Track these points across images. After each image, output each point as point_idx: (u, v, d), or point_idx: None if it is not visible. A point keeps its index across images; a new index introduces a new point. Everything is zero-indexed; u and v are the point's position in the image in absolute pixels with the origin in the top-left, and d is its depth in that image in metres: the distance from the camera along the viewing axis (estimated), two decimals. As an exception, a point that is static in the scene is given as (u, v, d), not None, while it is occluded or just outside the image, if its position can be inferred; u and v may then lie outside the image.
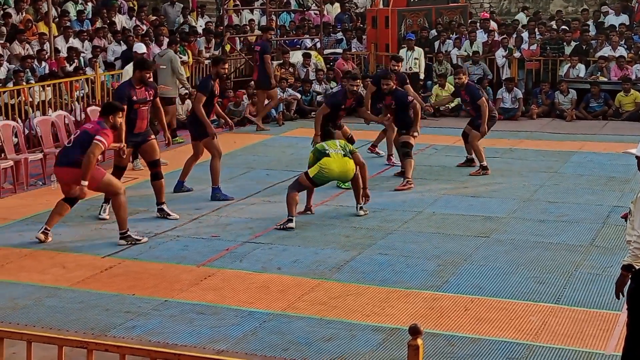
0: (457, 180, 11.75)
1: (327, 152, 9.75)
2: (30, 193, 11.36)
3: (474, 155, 12.40)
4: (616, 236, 8.96)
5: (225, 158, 12.12)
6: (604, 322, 6.76)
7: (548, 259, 8.35)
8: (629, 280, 5.21)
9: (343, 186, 11.02)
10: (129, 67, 13.18)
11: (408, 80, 13.66)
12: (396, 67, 13.18)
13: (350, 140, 11.45)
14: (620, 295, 5.29)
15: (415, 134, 11.65)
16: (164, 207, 10.01)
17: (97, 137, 8.62)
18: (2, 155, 11.96)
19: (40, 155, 12.07)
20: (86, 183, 8.63)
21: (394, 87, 11.83)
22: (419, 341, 3.81)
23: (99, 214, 9.90)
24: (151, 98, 10.03)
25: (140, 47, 13.65)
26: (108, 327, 6.70)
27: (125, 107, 9.38)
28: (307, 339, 6.45)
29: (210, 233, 9.30)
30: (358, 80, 11.94)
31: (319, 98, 17.30)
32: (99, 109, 13.84)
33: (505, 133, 15.34)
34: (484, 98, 12.32)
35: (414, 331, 3.83)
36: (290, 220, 9.48)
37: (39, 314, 7.01)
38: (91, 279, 7.90)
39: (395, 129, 12.21)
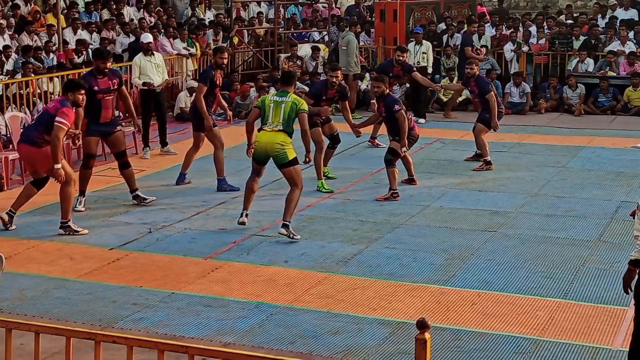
0: (464, 174, 11.74)
1: (263, 124, 8.92)
2: (38, 184, 11.36)
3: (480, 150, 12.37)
4: (624, 231, 8.94)
5: (233, 151, 12.14)
6: (611, 317, 6.75)
7: (555, 253, 8.33)
8: (637, 276, 5.20)
9: (323, 190, 10.71)
10: (137, 58, 13.18)
11: (414, 69, 13.67)
12: (401, 58, 13.15)
13: (336, 139, 11.43)
14: (629, 290, 5.28)
15: (404, 149, 10.71)
16: (139, 193, 10.10)
17: (57, 118, 8.65)
18: (11, 146, 11.97)
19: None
20: (59, 165, 8.70)
21: (386, 91, 10.92)
22: (427, 335, 3.81)
23: (75, 206, 9.74)
24: (115, 87, 10.09)
25: (146, 37, 13.67)
26: (115, 319, 6.71)
27: (86, 97, 9.30)
28: (314, 332, 6.46)
29: (217, 226, 9.31)
30: (337, 72, 11.37)
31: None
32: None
33: (513, 127, 15.30)
34: (492, 92, 12.27)
35: (422, 325, 3.83)
36: (243, 214, 9.19)
37: (47, 305, 7.03)
38: (99, 270, 7.91)
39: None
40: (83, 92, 9.05)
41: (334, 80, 11.24)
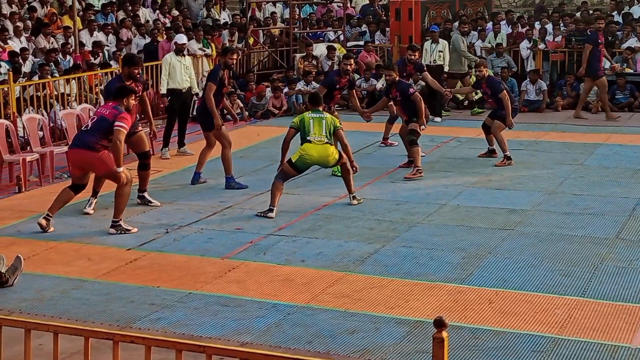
0: (481, 172, 11.70)
1: (308, 136, 9.88)
2: (55, 186, 11.41)
3: (495, 146, 12.38)
4: (642, 229, 8.89)
5: (249, 151, 12.16)
6: (630, 315, 6.72)
7: (573, 251, 8.30)
8: None
9: (337, 173, 11.04)
10: (168, 56, 13.25)
11: (425, 69, 13.73)
12: (413, 57, 13.25)
13: None
14: None
15: (423, 127, 11.69)
16: (146, 194, 10.14)
17: (117, 122, 8.83)
18: (28, 148, 12.05)
19: (65, 148, 12.12)
20: (121, 169, 8.88)
21: (397, 78, 11.86)
22: (444, 334, 3.80)
23: (85, 207, 9.88)
24: (140, 93, 10.19)
25: (181, 38, 13.72)
26: (133, 319, 6.73)
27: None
28: (331, 332, 6.45)
29: (234, 226, 9.33)
30: (351, 60, 12.17)
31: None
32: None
33: (530, 125, 15.26)
34: (505, 91, 12.32)
35: (439, 324, 3.82)
36: (271, 210, 9.63)
37: (65, 305, 7.06)
38: (116, 271, 7.95)
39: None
40: (134, 97, 9.30)
41: (348, 68, 11.86)
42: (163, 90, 13.09)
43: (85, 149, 8.97)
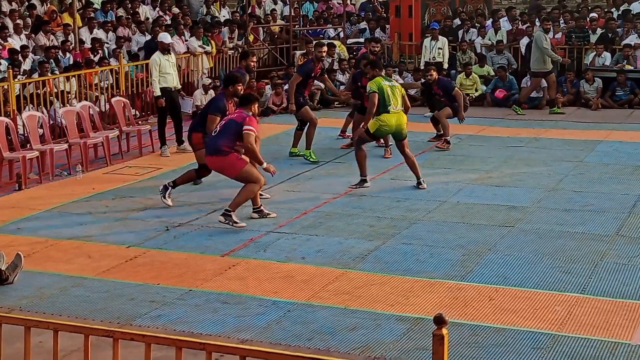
0: (481, 169, 11.71)
1: (388, 107, 10.28)
2: (55, 183, 11.44)
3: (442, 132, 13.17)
4: (642, 226, 8.90)
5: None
6: (630, 312, 6.72)
7: (573, 248, 8.30)
8: None
9: (311, 159, 11.88)
10: (155, 57, 13.24)
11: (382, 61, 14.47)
12: (376, 49, 13.56)
13: (303, 123, 12.45)
14: None
15: (364, 126, 11.63)
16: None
17: (246, 127, 9.00)
18: (28, 145, 12.05)
19: (65, 146, 12.15)
20: (265, 165, 9.19)
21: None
22: (444, 331, 3.80)
23: (164, 195, 9.97)
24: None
25: (165, 37, 13.71)
26: (133, 317, 6.73)
27: (219, 118, 9.63)
28: (332, 329, 6.45)
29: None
30: (324, 47, 12.63)
31: (342, 88, 17.29)
32: (124, 99, 14.03)
33: (530, 122, 15.26)
34: (457, 88, 13.17)
35: (439, 321, 3.82)
36: (365, 180, 10.30)
37: (65, 303, 7.06)
38: (116, 268, 7.95)
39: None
40: (258, 104, 9.48)
41: (322, 55, 12.40)
42: (157, 92, 13.04)
43: (215, 154, 9.16)
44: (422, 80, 13.80)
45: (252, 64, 11.28)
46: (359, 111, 12.82)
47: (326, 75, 13.16)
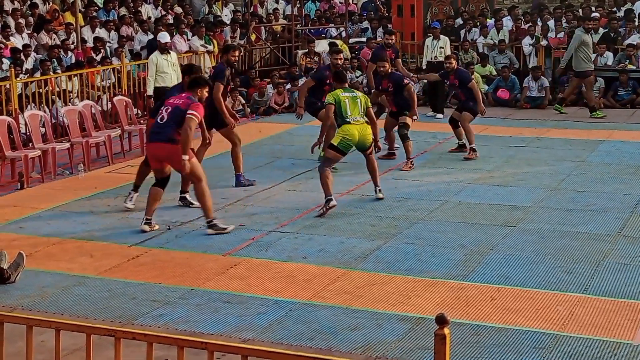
0: (483, 169, 11.70)
1: (347, 117, 9.82)
2: (57, 182, 11.44)
3: (464, 140, 12.52)
4: (644, 226, 8.89)
5: (251, 147, 12.16)
6: (632, 312, 6.71)
7: (575, 248, 8.29)
8: None
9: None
10: (153, 56, 13.24)
11: (400, 54, 14.03)
12: (390, 41, 13.39)
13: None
14: None
15: (415, 117, 11.87)
16: (187, 196, 10.06)
17: (190, 111, 8.70)
18: (30, 144, 12.05)
19: (67, 145, 12.16)
20: (187, 157, 8.70)
21: (389, 69, 11.96)
22: (446, 330, 3.80)
23: (125, 202, 9.90)
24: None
25: (164, 37, 13.72)
26: (135, 316, 6.74)
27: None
28: (333, 328, 6.45)
29: (236, 222, 9.32)
30: (340, 54, 11.98)
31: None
32: (126, 99, 14.04)
33: (532, 122, 15.26)
34: (473, 81, 12.67)
35: (441, 320, 3.81)
36: (330, 200, 9.60)
37: (67, 302, 7.07)
38: (118, 267, 7.95)
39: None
40: (208, 89, 9.19)
41: (338, 62, 11.72)
42: (149, 92, 13.02)
43: (165, 142, 8.80)
44: (441, 72, 13.58)
45: (233, 58, 11.14)
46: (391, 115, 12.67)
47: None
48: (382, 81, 11.97)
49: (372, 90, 13.01)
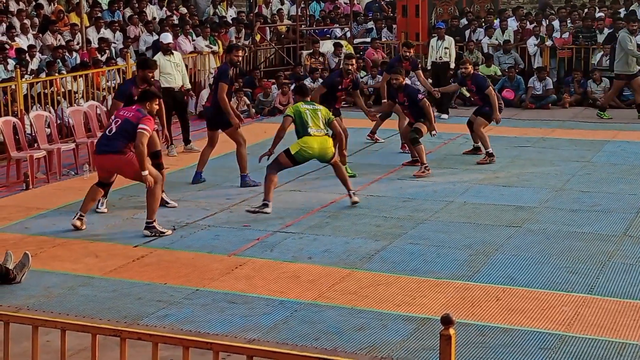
0: (488, 169, 11.69)
1: (308, 129, 9.72)
2: (62, 183, 11.46)
3: (480, 144, 12.39)
4: (650, 226, 8.87)
5: (255, 148, 12.15)
6: (637, 312, 6.69)
7: (581, 249, 8.28)
8: None
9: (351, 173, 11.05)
10: (156, 58, 13.25)
11: (419, 66, 13.80)
12: (408, 53, 13.30)
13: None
14: None
15: (434, 132, 11.70)
16: (163, 195, 10.06)
17: (141, 125, 8.77)
18: (35, 145, 12.07)
19: (72, 145, 12.18)
20: (146, 172, 8.78)
21: (404, 82, 11.74)
22: (451, 331, 3.79)
23: (97, 207, 9.77)
24: None
25: (166, 37, 13.73)
26: (140, 316, 6.74)
27: (122, 104, 9.43)
28: (338, 329, 6.45)
29: (241, 222, 9.33)
30: (353, 60, 11.83)
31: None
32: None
33: (537, 122, 15.24)
34: (490, 87, 12.42)
35: (446, 321, 3.81)
36: (266, 205, 9.58)
37: (73, 302, 7.07)
38: (123, 268, 7.96)
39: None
40: (157, 102, 9.20)
41: (349, 68, 11.51)
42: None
43: (113, 153, 8.91)
44: (455, 78, 13.44)
45: (237, 58, 11.15)
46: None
47: (358, 92, 11.99)
48: (397, 94, 11.78)
49: (383, 101, 12.96)
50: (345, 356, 5.91)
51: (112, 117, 9.26)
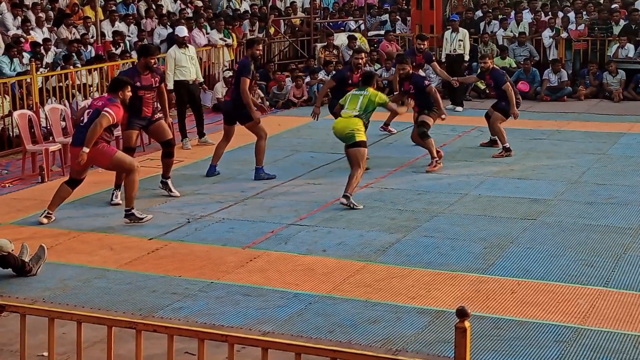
0: (503, 162, 11.65)
1: (342, 111, 9.98)
2: (78, 176, 11.48)
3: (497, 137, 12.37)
4: (666, 219, 8.82)
5: (270, 141, 12.15)
6: (653, 305, 6.67)
7: (596, 241, 8.24)
8: None
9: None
10: (171, 51, 13.28)
11: (434, 58, 13.74)
12: (422, 46, 13.25)
13: None
14: None
15: (443, 116, 11.70)
16: (169, 182, 10.12)
17: (105, 108, 8.76)
18: (50, 138, 12.12)
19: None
20: (87, 150, 8.71)
21: (411, 71, 11.71)
22: (467, 324, 3.78)
23: (111, 200, 9.87)
24: (157, 85, 10.00)
25: (182, 31, 13.75)
26: (155, 308, 6.76)
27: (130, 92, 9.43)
28: (353, 321, 6.45)
29: (255, 215, 9.33)
30: (362, 54, 11.87)
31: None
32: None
33: (552, 114, 15.17)
34: (508, 83, 12.33)
35: (462, 313, 3.80)
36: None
37: (88, 294, 7.11)
38: (138, 260, 7.98)
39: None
40: (130, 88, 9.15)
41: (359, 62, 11.54)
42: (170, 86, 13.10)
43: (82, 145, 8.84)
44: (477, 72, 13.44)
45: (258, 52, 11.15)
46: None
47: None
48: (403, 83, 11.76)
49: (395, 92, 12.93)
50: (359, 349, 5.90)
51: (88, 107, 9.22)
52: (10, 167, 12.03)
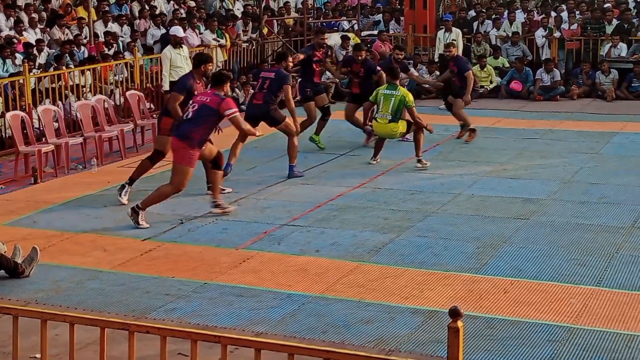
0: (496, 162, 11.67)
1: (376, 113, 11.30)
2: (70, 177, 11.48)
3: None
4: (659, 218, 8.84)
5: (263, 141, 12.17)
6: (646, 304, 6.68)
7: (589, 241, 8.26)
8: None
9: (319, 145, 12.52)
10: (167, 51, 13.26)
11: (410, 69, 14.63)
12: (400, 56, 13.45)
13: (326, 111, 12.75)
14: None
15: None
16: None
17: (227, 111, 8.87)
18: (43, 139, 12.10)
19: (80, 140, 12.20)
20: (256, 131, 9.80)
21: (367, 57, 13.03)
22: (459, 323, 3.79)
23: (120, 196, 9.85)
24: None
25: (178, 31, 13.73)
26: (148, 309, 6.76)
27: (183, 98, 9.40)
28: (346, 322, 6.46)
29: (248, 216, 9.33)
30: (325, 34, 12.98)
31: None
32: (139, 93, 14.06)
33: (545, 114, 15.20)
34: (471, 71, 13.00)
35: (454, 313, 3.80)
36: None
37: (81, 296, 7.10)
38: (131, 261, 7.97)
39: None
40: (230, 84, 9.52)
41: (323, 41, 12.73)
42: (166, 87, 13.06)
43: (176, 137, 8.90)
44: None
45: (291, 64, 11.49)
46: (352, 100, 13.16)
47: (327, 60, 13.63)
48: (352, 64, 12.86)
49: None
50: (352, 349, 5.89)
51: (191, 102, 9.15)
52: (2, 168, 12.01)
